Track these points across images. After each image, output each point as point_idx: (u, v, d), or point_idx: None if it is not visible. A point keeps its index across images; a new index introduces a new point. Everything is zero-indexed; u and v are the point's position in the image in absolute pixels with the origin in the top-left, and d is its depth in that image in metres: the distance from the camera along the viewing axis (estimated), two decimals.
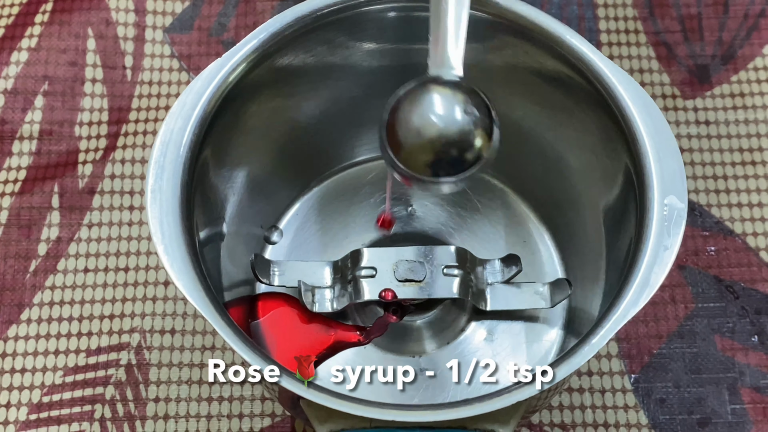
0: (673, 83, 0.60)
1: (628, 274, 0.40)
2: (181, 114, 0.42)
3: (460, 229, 0.53)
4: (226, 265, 0.47)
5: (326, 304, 0.49)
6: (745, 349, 0.53)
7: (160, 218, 0.40)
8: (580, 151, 0.48)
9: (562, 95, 0.46)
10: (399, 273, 0.48)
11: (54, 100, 0.59)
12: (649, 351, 0.53)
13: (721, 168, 0.58)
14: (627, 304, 0.39)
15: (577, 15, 0.62)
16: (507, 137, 0.52)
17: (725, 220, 0.57)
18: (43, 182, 0.58)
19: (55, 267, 0.56)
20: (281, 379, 0.37)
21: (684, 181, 0.41)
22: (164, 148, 0.42)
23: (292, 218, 0.54)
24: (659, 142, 0.42)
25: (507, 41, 0.46)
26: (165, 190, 0.41)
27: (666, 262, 0.40)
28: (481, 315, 0.51)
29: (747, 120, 0.59)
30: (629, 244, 0.42)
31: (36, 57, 0.60)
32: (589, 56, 0.44)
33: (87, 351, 0.54)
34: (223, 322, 0.38)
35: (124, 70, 0.61)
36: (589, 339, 0.38)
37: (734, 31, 0.62)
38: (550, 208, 0.53)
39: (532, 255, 0.53)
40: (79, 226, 0.57)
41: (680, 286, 0.55)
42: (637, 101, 0.43)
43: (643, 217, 0.41)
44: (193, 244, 0.40)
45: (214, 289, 0.40)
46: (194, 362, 0.53)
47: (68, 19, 0.61)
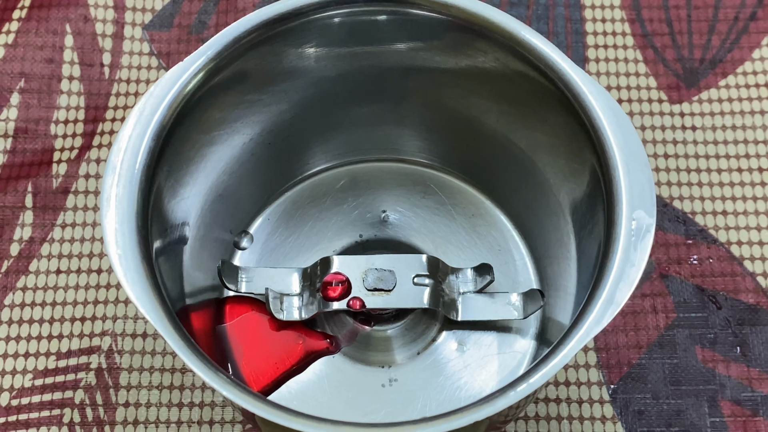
0: (660, 87, 0.59)
1: (593, 290, 0.39)
2: (140, 120, 0.41)
3: (434, 236, 0.52)
4: (189, 270, 0.46)
5: (294, 312, 0.49)
6: (727, 361, 0.52)
7: (116, 226, 0.39)
8: (553, 158, 0.47)
9: (532, 101, 0.46)
10: (368, 282, 0.47)
11: (30, 98, 0.59)
12: (629, 361, 0.52)
13: (707, 175, 0.57)
14: (591, 322, 0.38)
15: (563, 16, 0.61)
16: (481, 145, 0.51)
17: (710, 228, 0.56)
18: (17, 181, 0.57)
19: (27, 268, 0.55)
20: (230, 395, 0.36)
21: (653, 196, 0.40)
22: (121, 154, 0.41)
23: (263, 224, 0.53)
24: (629, 154, 0.41)
25: (473, 44, 0.45)
26: (121, 198, 0.40)
27: (632, 279, 0.39)
28: (453, 325, 0.50)
29: (735, 126, 0.58)
30: (596, 256, 0.41)
31: (12, 53, 0.60)
32: (559, 63, 0.43)
33: (57, 354, 0.53)
34: (174, 332, 0.37)
35: (101, 67, 0.60)
36: (547, 361, 0.37)
37: (723, 34, 0.60)
38: (524, 215, 0.52)
39: (506, 263, 0.52)
40: (53, 226, 0.56)
41: (662, 295, 0.54)
42: (608, 112, 0.42)
43: (610, 231, 0.40)
44: (149, 252, 0.39)
45: (171, 297, 0.39)
46: (165, 367, 0.53)
47: (46, 15, 0.61)
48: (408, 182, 0.54)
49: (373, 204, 0.53)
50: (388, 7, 0.45)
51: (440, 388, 0.49)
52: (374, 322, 0.49)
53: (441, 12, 0.44)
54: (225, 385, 0.37)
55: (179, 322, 0.38)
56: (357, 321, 0.49)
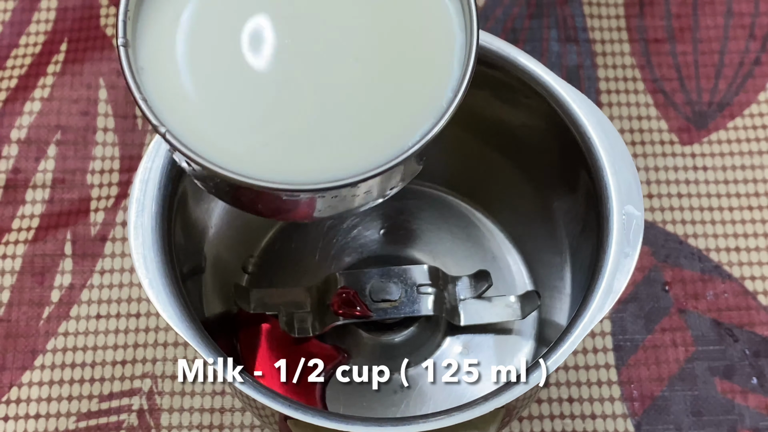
0: (671, 130, 0.62)
1: (592, 281, 0.42)
2: (158, 153, 0.45)
3: (432, 249, 0.56)
4: (207, 293, 0.49)
5: (307, 328, 0.51)
6: (745, 392, 0.55)
7: (144, 253, 0.42)
8: (540, 168, 0.51)
9: (521, 114, 0.49)
10: (374, 294, 0.49)
11: (66, 149, 0.61)
12: (651, 394, 0.55)
13: (719, 213, 0.59)
14: (593, 310, 0.41)
15: (576, 63, 0.64)
16: (475, 164, 0.54)
17: (724, 264, 0.58)
18: (56, 230, 0.59)
19: (68, 313, 0.57)
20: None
21: (639, 191, 0.44)
22: (144, 186, 0.44)
23: (268, 246, 0.56)
24: (614, 155, 0.45)
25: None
26: (146, 227, 0.43)
27: (627, 268, 0.42)
28: (456, 330, 0.53)
29: (744, 165, 0.61)
30: (591, 253, 0.44)
31: (49, 107, 0.62)
32: (541, 75, 0.47)
33: (99, 396, 0.55)
34: (209, 349, 0.40)
35: (135, 119, 0.62)
36: (559, 345, 0.41)
37: (730, 78, 0.63)
38: (516, 223, 0.56)
39: (500, 270, 0.55)
40: (92, 272, 0.58)
41: (680, 329, 0.56)
42: (592, 118, 0.45)
43: (603, 227, 0.43)
44: (175, 276, 0.43)
45: (198, 319, 0.42)
46: (204, 407, 0.54)
47: (80, 69, 0.63)
48: (402, 198, 0.57)
49: (372, 223, 0.57)
50: None
51: (448, 391, 0.51)
52: (382, 332, 0.52)
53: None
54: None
55: (213, 340, 0.41)
56: (367, 332, 0.52)
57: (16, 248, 0.58)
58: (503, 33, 0.65)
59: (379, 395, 0.52)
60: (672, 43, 0.64)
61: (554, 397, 0.54)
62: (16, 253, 0.58)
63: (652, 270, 0.58)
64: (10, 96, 0.62)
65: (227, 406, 0.54)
